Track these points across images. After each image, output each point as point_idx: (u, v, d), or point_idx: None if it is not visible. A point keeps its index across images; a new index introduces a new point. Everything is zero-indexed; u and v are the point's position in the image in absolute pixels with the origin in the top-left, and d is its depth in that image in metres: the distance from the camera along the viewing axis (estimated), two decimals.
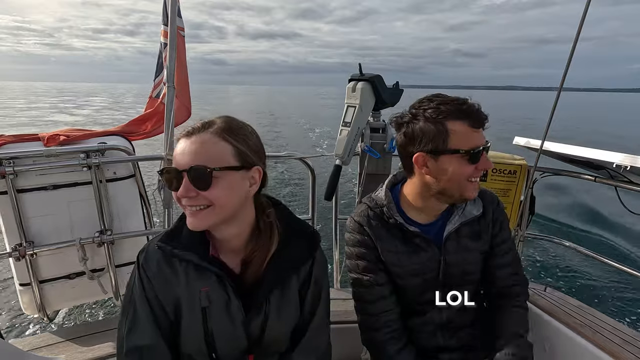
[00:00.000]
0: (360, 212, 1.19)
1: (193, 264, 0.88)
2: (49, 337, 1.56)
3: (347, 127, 1.72)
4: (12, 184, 1.52)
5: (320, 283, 1.01)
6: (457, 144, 0.99)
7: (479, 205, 1.16)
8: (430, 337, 1.18)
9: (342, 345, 1.29)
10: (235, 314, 0.89)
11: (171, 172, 0.82)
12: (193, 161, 0.80)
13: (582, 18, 1.35)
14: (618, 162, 1.49)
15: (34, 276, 1.66)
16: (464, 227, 1.14)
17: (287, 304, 0.95)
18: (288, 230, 0.97)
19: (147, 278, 0.89)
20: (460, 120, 0.98)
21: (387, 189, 1.18)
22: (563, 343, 1.45)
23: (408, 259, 1.13)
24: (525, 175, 1.85)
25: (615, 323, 1.47)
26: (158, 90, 2.30)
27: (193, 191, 0.81)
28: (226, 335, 0.89)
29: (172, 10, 1.88)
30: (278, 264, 0.93)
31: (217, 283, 0.88)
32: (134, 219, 1.85)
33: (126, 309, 0.90)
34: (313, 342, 0.99)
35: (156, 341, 0.87)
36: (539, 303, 1.58)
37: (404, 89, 1.89)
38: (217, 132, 0.83)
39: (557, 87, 1.55)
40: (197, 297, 0.88)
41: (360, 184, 1.90)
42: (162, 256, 0.90)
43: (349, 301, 1.75)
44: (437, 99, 1.02)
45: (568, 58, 1.46)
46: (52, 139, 1.62)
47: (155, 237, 0.94)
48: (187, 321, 0.89)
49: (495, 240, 1.18)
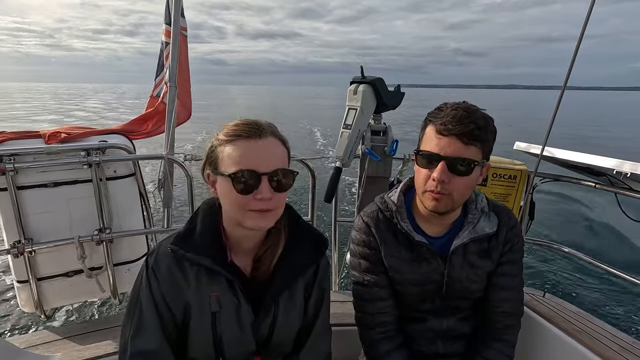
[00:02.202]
0: (370, 212, 1.18)
1: (205, 268, 0.87)
2: (45, 334, 1.55)
3: (348, 130, 1.72)
4: (12, 181, 1.52)
5: (324, 286, 1.02)
6: (422, 145, 1.03)
7: (493, 223, 1.11)
8: (430, 344, 1.18)
9: (340, 347, 1.29)
10: (244, 318, 0.89)
11: (252, 175, 0.80)
12: (276, 164, 0.82)
13: (586, 17, 1.34)
14: (618, 169, 1.49)
15: (32, 273, 1.66)
16: (473, 243, 1.10)
17: (294, 307, 0.95)
18: (297, 233, 0.97)
19: (157, 281, 0.87)
20: (432, 124, 1.01)
21: (400, 192, 1.15)
22: (561, 349, 1.45)
23: (410, 267, 1.11)
24: (525, 181, 1.85)
25: (613, 330, 1.47)
26: (159, 89, 2.30)
27: (271, 193, 0.81)
28: (235, 339, 0.89)
29: (176, 9, 1.88)
30: (287, 266, 0.93)
31: (227, 287, 0.88)
32: (133, 218, 1.85)
33: (131, 311, 0.88)
34: (317, 345, 0.99)
35: (161, 346, 0.86)
36: (537, 309, 1.57)
37: (406, 89, 1.89)
38: (277, 136, 0.86)
39: (558, 85, 1.54)
40: (207, 302, 0.87)
41: (360, 187, 1.90)
42: (173, 259, 0.88)
43: (347, 304, 1.76)
44: (443, 105, 1.02)
45: (572, 57, 1.44)
46: (53, 137, 1.62)
47: (165, 240, 0.91)
48: (196, 325, 0.88)
49: (501, 259, 1.13)
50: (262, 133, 0.82)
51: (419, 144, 1.05)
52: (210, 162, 0.86)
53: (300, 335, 0.98)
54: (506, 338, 1.14)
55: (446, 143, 0.95)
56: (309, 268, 0.97)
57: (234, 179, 0.80)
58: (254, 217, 0.83)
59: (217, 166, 0.84)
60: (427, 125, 1.03)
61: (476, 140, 0.96)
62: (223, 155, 0.83)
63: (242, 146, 0.81)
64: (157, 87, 2.32)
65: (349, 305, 1.72)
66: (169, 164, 1.86)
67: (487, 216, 1.11)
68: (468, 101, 1.02)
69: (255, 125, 0.83)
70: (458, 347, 1.18)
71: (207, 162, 0.88)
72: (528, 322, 1.22)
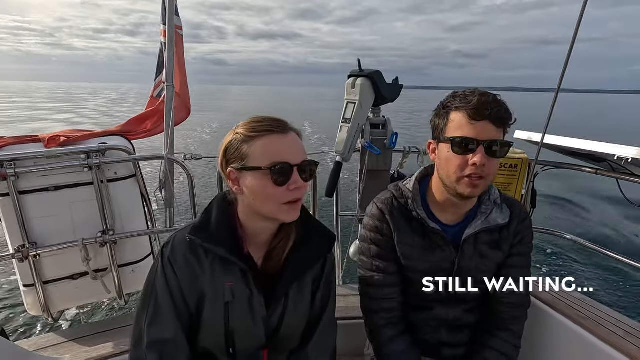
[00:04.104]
0: (385, 199, 1.18)
1: (220, 258, 0.88)
2: (53, 337, 1.56)
3: (347, 124, 1.72)
4: (13, 186, 1.52)
5: (330, 280, 1.03)
6: (451, 133, 1.00)
7: (505, 215, 1.12)
8: (434, 333, 1.19)
9: (345, 341, 1.29)
10: (257, 309, 0.90)
11: (287, 167, 0.83)
12: (304, 155, 0.87)
13: (578, 19, 1.36)
14: (620, 154, 1.49)
15: (37, 277, 1.67)
16: (485, 233, 1.10)
17: (302, 300, 0.97)
18: (308, 227, 0.98)
19: (172, 270, 0.88)
20: (459, 111, 0.99)
21: (416, 180, 1.16)
22: (565, 335, 1.45)
23: (422, 255, 1.12)
24: (526, 169, 1.84)
25: (618, 315, 1.47)
26: (159, 89, 2.29)
27: (302, 183, 0.85)
28: (246, 330, 0.91)
29: (170, 9, 1.87)
30: (297, 260, 0.94)
31: (241, 277, 0.89)
32: (135, 219, 1.86)
33: (147, 300, 0.89)
34: (324, 339, 1.01)
35: (177, 335, 0.88)
36: (540, 296, 1.58)
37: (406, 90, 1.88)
38: (296, 130, 0.90)
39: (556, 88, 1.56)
40: (221, 292, 0.88)
41: (361, 181, 1.89)
42: (188, 249, 0.89)
43: (351, 297, 1.76)
44: (461, 93, 1.01)
45: (565, 59, 1.46)
46: (53, 140, 1.62)
47: (180, 231, 0.93)
48: (209, 315, 0.89)
49: (511, 250, 1.14)
50: (287, 128, 0.87)
51: (443, 132, 1.02)
52: (234, 159, 0.86)
53: (307, 329, 1.00)
54: (513, 328, 1.15)
55: (481, 127, 0.96)
56: (317, 262, 0.99)
57: (273, 171, 0.82)
58: (287, 209, 0.86)
59: (245, 162, 0.85)
60: (451, 112, 1.01)
61: (505, 122, 0.99)
62: (252, 151, 0.84)
63: (275, 140, 0.84)
64: (157, 87, 2.31)
65: (353, 299, 1.72)
66: (169, 163, 1.86)
67: (499, 207, 1.12)
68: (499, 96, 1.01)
69: (281, 121, 0.88)
70: (462, 336, 1.19)
71: (228, 160, 0.88)
72: (532, 310, 1.23)
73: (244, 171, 0.85)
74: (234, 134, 0.87)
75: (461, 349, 1.19)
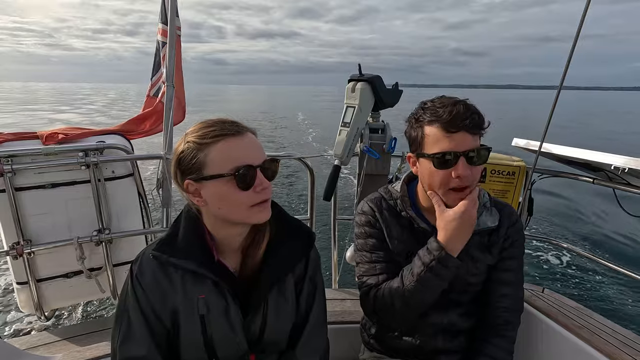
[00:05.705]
0: (374, 198, 1.20)
1: (190, 271, 0.86)
2: (46, 336, 1.55)
3: (347, 128, 1.72)
4: (10, 182, 1.52)
5: (315, 281, 1.01)
6: (430, 148, 1.00)
7: (495, 218, 1.12)
8: (429, 339, 1.18)
9: (340, 345, 1.29)
10: (234, 318, 0.88)
11: (250, 170, 0.80)
12: (264, 155, 0.84)
13: (582, 17, 1.35)
14: (617, 164, 1.49)
15: (31, 275, 1.66)
16: (475, 236, 1.10)
17: (285, 303, 0.95)
18: (284, 229, 0.96)
19: (142, 289, 0.86)
20: (433, 125, 0.99)
21: (403, 182, 1.18)
22: (560, 345, 1.45)
23: (412, 252, 1.11)
24: (523, 177, 1.85)
25: (613, 325, 1.47)
26: (156, 88, 2.29)
27: (267, 182, 0.83)
28: (226, 340, 0.89)
29: (172, 9, 1.88)
30: (274, 262, 0.92)
31: (213, 288, 0.87)
32: (132, 218, 1.85)
33: (119, 319, 0.87)
34: (312, 340, 0.99)
35: (151, 352, 0.85)
36: (536, 304, 1.58)
37: (406, 89, 1.89)
38: (250, 130, 0.86)
39: (557, 85, 1.55)
40: (195, 305, 0.86)
41: (359, 184, 1.89)
42: (157, 265, 0.87)
43: (347, 301, 1.76)
44: (430, 103, 1.02)
45: (568, 57, 1.46)
46: (51, 137, 1.61)
47: (148, 247, 0.91)
48: (186, 329, 0.87)
49: (502, 254, 1.14)
50: (241, 129, 0.83)
51: (421, 147, 1.02)
52: (190, 170, 0.81)
53: (294, 331, 0.98)
54: (506, 334, 1.15)
55: (459, 138, 0.96)
56: (298, 263, 0.97)
57: (237, 176, 0.79)
58: (258, 211, 0.83)
59: (203, 171, 0.80)
60: (424, 126, 1.01)
61: (480, 128, 0.99)
62: (209, 158, 0.79)
63: (232, 144, 0.80)
64: (154, 86, 2.31)
65: (349, 303, 1.71)
66: (168, 163, 1.86)
67: (489, 211, 1.13)
68: (469, 100, 1.02)
69: (234, 122, 0.83)
70: (458, 343, 1.18)
71: (183, 171, 0.83)
72: (527, 318, 1.22)
73: (204, 181, 0.80)
74: (185, 143, 0.82)
75: (456, 356, 1.19)
